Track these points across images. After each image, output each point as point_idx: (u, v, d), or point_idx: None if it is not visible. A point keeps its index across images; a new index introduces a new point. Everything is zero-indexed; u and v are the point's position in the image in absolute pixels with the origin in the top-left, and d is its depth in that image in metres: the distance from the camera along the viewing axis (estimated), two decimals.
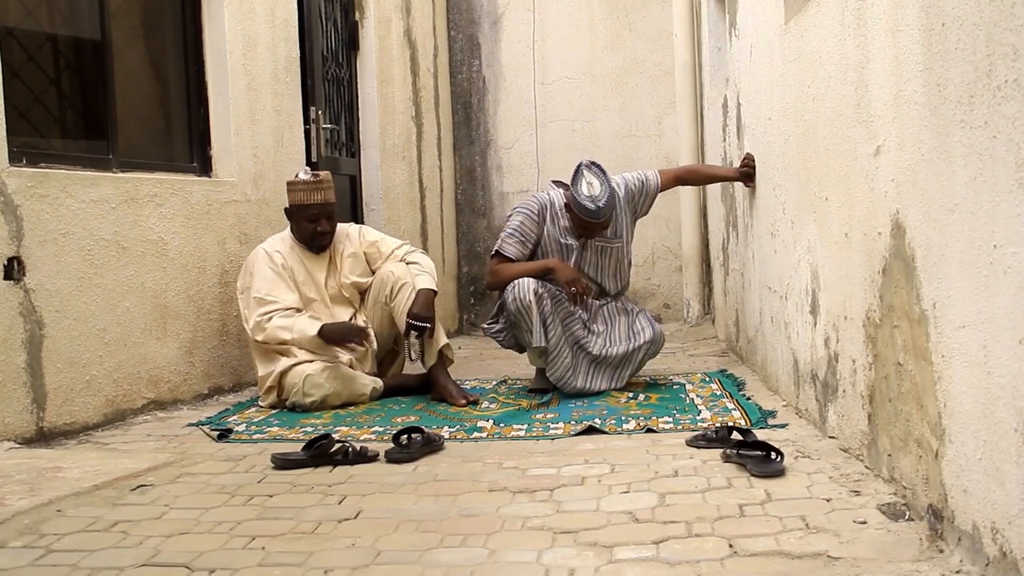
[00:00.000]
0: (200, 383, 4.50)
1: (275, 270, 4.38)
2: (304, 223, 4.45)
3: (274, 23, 5.14)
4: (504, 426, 3.69)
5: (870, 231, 2.60)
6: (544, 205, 4.49)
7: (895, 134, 2.37)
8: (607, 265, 4.55)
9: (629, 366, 4.46)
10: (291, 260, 4.45)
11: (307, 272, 4.48)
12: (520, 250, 4.44)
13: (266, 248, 4.46)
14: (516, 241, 4.45)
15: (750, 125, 4.49)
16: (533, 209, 4.48)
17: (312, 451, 3.17)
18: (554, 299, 4.34)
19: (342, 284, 4.54)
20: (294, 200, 4.48)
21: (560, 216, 4.47)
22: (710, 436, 3.19)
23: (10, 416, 3.45)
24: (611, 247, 4.53)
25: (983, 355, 1.88)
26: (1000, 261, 1.78)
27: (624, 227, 4.58)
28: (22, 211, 3.53)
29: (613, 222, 4.50)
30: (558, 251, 4.46)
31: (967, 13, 1.88)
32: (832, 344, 3.08)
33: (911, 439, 2.34)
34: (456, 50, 7.87)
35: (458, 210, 7.91)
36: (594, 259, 4.52)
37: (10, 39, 3.71)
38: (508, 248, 4.44)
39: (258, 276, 4.36)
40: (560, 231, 4.47)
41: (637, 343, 4.44)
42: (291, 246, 4.50)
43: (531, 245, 4.46)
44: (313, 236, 4.46)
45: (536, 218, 4.47)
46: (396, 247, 4.67)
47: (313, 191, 4.44)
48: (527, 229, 4.46)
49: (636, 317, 4.55)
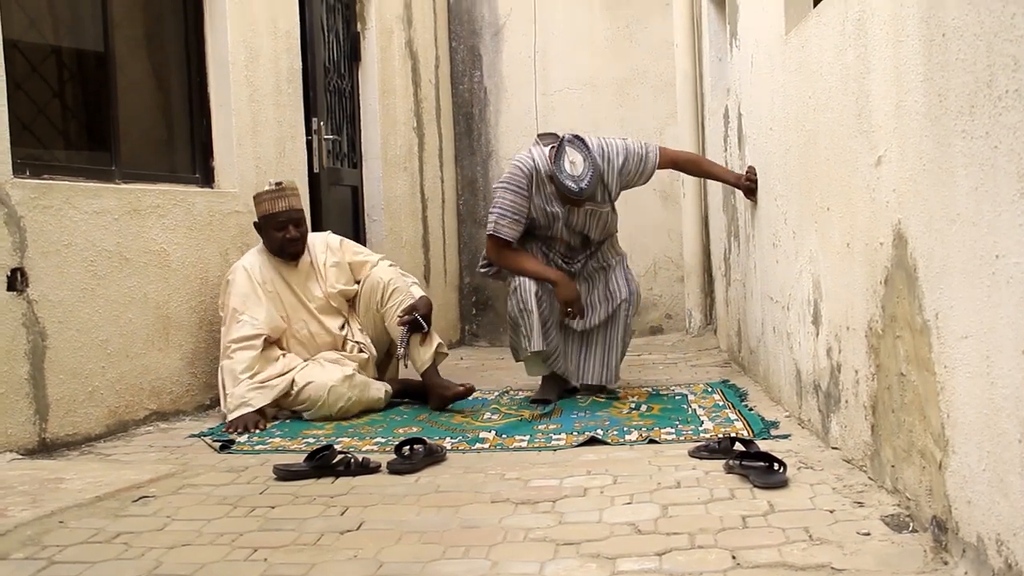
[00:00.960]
0: (202, 394, 4.50)
1: (250, 286, 4.36)
2: (272, 232, 4.44)
3: (276, 34, 5.15)
4: (506, 437, 3.68)
5: (872, 241, 2.61)
6: (530, 174, 4.38)
7: (896, 144, 2.37)
8: (595, 224, 4.52)
9: (614, 348, 4.55)
10: (268, 273, 4.43)
11: (286, 284, 4.47)
12: (516, 230, 4.40)
13: (244, 264, 4.43)
14: (510, 221, 4.39)
15: (751, 135, 4.49)
16: (521, 184, 4.38)
17: (314, 462, 3.17)
18: (552, 297, 4.42)
19: (329, 294, 4.54)
20: (261, 211, 4.47)
21: (545, 180, 4.39)
22: (712, 447, 3.19)
23: (13, 427, 3.45)
24: (600, 211, 4.50)
25: (986, 366, 1.88)
26: (1002, 271, 1.78)
27: (614, 192, 4.52)
28: (25, 222, 3.54)
29: (603, 191, 4.46)
30: (543, 215, 4.41)
31: (967, 24, 1.89)
32: (834, 354, 3.08)
33: (914, 450, 2.34)
34: (458, 61, 7.89)
35: (460, 221, 7.92)
36: (582, 220, 4.48)
37: (14, 51, 3.72)
38: (504, 231, 4.38)
39: (233, 293, 4.34)
40: (546, 198, 4.40)
41: (614, 304, 4.54)
42: (266, 259, 4.48)
43: (525, 221, 4.42)
44: (283, 244, 4.44)
45: (525, 192, 4.39)
46: (380, 258, 4.74)
47: (277, 199, 4.44)
48: (519, 207, 4.38)
49: (612, 273, 4.60)
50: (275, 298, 4.41)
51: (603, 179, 4.43)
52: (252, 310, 4.31)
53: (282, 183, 4.52)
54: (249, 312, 4.30)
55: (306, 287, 4.52)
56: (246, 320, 4.28)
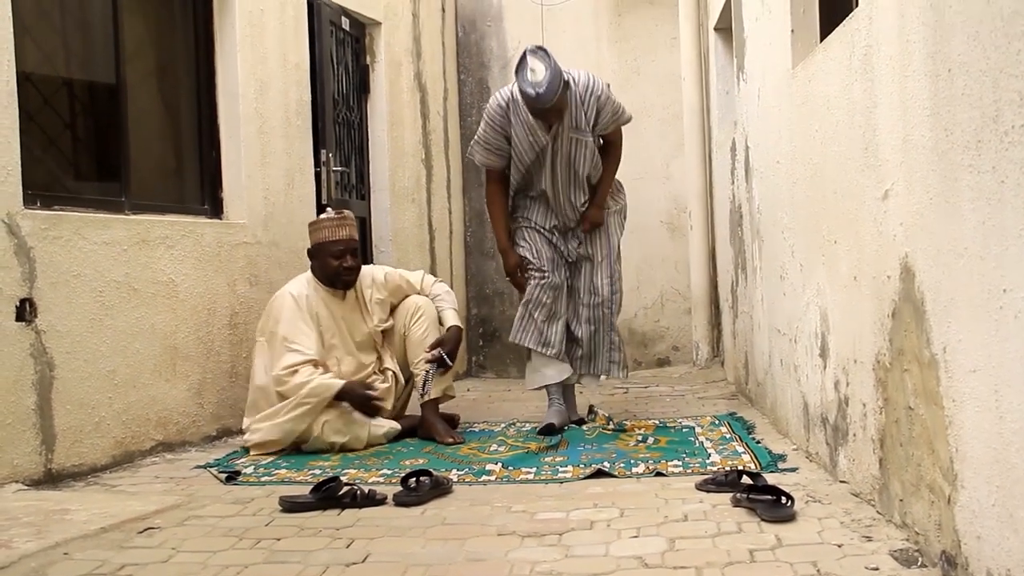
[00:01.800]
0: (209, 425, 4.50)
1: (299, 313, 4.31)
2: (329, 260, 4.39)
3: (286, 67, 5.20)
4: (513, 469, 3.67)
5: (879, 274, 2.60)
6: (505, 105, 4.44)
7: (903, 178, 2.38)
8: (583, 157, 4.50)
9: (602, 347, 4.68)
10: (315, 304, 4.38)
11: (331, 315, 4.43)
12: (487, 157, 4.53)
13: (291, 291, 4.37)
14: (482, 149, 4.55)
15: (758, 168, 4.50)
16: (494, 116, 4.46)
17: (320, 494, 3.16)
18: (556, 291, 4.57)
19: (372, 331, 4.54)
20: (318, 238, 4.43)
21: (525, 111, 4.38)
22: (720, 480, 3.18)
23: (19, 458, 3.45)
24: (583, 139, 4.47)
25: (995, 400, 1.87)
26: (1010, 306, 1.78)
27: (590, 122, 4.46)
28: (35, 253, 3.56)
29: (580, 111, 4.42)
30: (528, 147, 4.43)
31: (973, 59, 1.90)
32: (842, 387, 3.07)
33: (923, 484, 2.33)
34: (466, 93, 7.93)
35: (467, 252, 7.93)
36: (567, 150, 4.46)
37: (27, 84, 3.76)
38: (477, 157, 4.58)
39: (283, 320, 4.27)
40: (527, 129, 4.41)
41: (595, 302, 4.63)
42: (315, 288, 4.43)
43: (501, 152, 4.49)
44: (338, 273, 4.40)
45: (498, 122, 4.44)
46: (419, 281, 4.70)
47: (338, 227, 4.42)
48: (490, 137, 4.48)
49: (598, 268, 4.64)
50: (319, 329, 4.38)
51: (582, 101, 4.40)
52: (301, 338, 4.26)
53: (343, 212, 4.51)
54: (299, 340, 4.25)
55: (351, 321, 4.50)
56: (298, 348, 4.23)
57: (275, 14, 5.10)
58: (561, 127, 4.43)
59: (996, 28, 1.78)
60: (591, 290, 4.64)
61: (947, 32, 2.04)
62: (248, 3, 4.86)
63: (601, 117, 4.50)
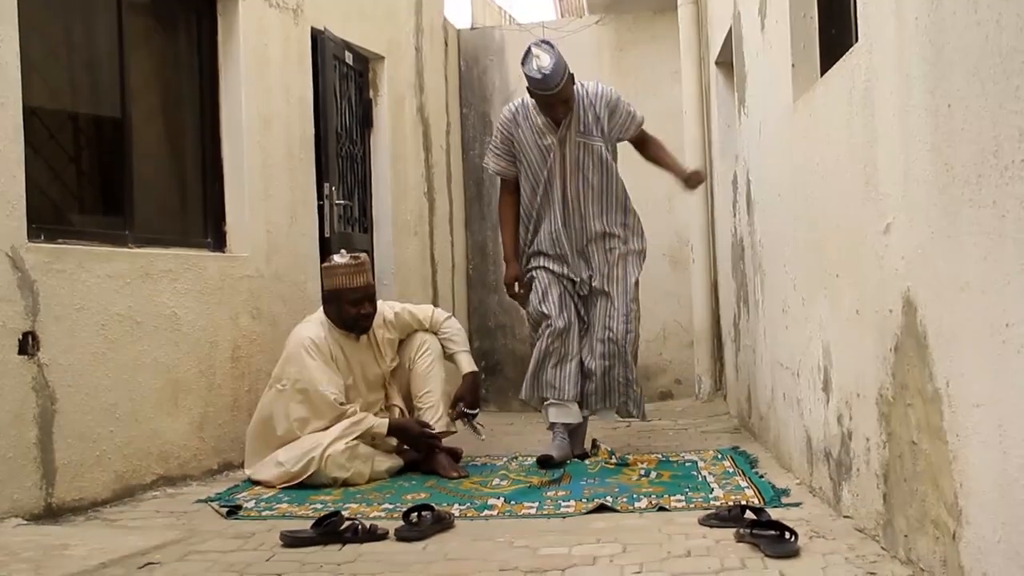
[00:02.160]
0: (210, 458, 4.48)
1: (321, 358, 4.28)
2: (347, 307, 4.35)
3: (290, 102, 5.23)
4: (515, 504, 3.65)
5: (881, 308, 2.60)
6: (515, 110, 4.63)
7: (904, 212, 2.38)
8: (590, 162, 4.56)
9: (616, 385, 4.62)
10: (332, 348, 4.36)
11: (345, 357, 4.41)
12: (498, 163, 4.69)
13: (310, 335, 4.33)
14: (493, 156, 4.71)
15: (760, 201, 4.52)
16: (503, 119, 4.65)
17: (321, 529, 3.14)
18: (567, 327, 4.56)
19: (385, 372, 4.54)
20: (334, 284, 4.37)
21: (534, 115, 4.55)
22: (723, 515, 3.16)
23: (19, 492, 3.44)
24: (592, 144, 4.56)
25: (999, 435, 1.87)
26: (1013, 340, 1.78)
27: (603, 127, 4.58)
28: (39, 286, 3.56)
29: (588, 114, 4.54)
30: (537, 152, 4.55)
31: (972, 95, 1.91)
32: (845, 422, 3.06)
33: (928, 520, 2.31)
34: (468, 127, 7.98)
35: (469, 285, 7.95)
36: (575, 153, 4.55)
37: (33, 118, 3.78)
38: (490, 164, 4.74)
39: (307, 367, 4.24)
40: (536, 132, 4.55)
41: (612, 339, 4.57)
42: (329, 330, 4.40)
43: (509, 157, 4.64)
44: (356, 320, 4.38)
45: (506, 128, 4.61)
46: (427, 317, 4.69)
47: (355, 274, 4.37)
48: (498, 143, 4.67)
49: (614, 305, 4.60)
50: (337, 372, 4.36)
51: (592, 104, 4.53)
52: (327, 385, 4.23)
53: (360, 257, 4.45)
54: (324, 386, 4.23)
55: (365, 364, 4.49)
56: (334, 393, 4.23)
57: (279, 49, 5.14)
58: (568, 130, 4.52)
59: (995, 64, 1.80)
60: (605, 327, 4.60)
61: (946, 68, 2.05)
62: (252, 38, 4.91)
63: (614, 119, 4.61)
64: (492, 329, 7.86)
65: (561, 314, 4.55)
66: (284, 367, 4.32)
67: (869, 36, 2.62)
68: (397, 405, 4.58)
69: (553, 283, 4.60)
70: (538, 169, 4.56)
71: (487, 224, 7.92)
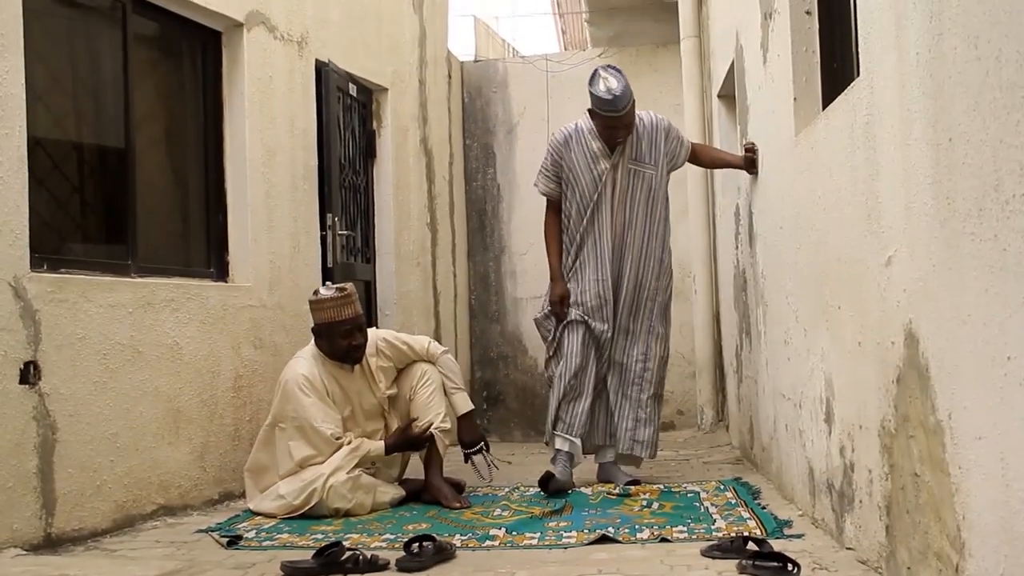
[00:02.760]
0: (211, 488, 4.47)
1: (317, 394, 4.27)
2: (337, 340, 4.33)
3: (293, 132, 5.26)
4: (517, 534, 3.64)
5: (883, 340, 2.61)
6: (569, 133, 4.66)
7: (906, 245, 2.39)
8: (639, 191, 4.63)
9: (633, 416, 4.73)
10: (327, 382, 4.35)
11: (340, 388, 4.40)
12: (547, 185, 4.73)
13: (304, 372, 4.30)
14: (543, 178, 4.74)
15: (762, 234, 4.53)
16: (556, 141, 4.68)
17: (322, 559, 3.13)
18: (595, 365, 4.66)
19: (381, 399, 4.52)
20: (323, 318, 4.35)
21: (589, 139, 4.60)
22: (725, 546, 3.15)
23: (19, 522, 3.43)
24: (644, 171, 4.63)
25: (1001, 468, 1.86)
26: (1015, 373, 1.78)
27: (657, 155, 4.65)
28: (41, 316, 3.57)
29: (641, 143, 4.61)
30: (588, 177, 4.59)
31: (973, 129, 1.92)
32: (847, 453, 3.05)
33: (930, 552, 2.30)
34: (471, 158, 8.02)
35: (472, 315, 7.95)
36: (625, 182, 4.61)
37: (38, 148, 3.81)
38: (539, 185, 4.77)
39: (305, 405, 4.22)
40: (589, 156, 4.59)
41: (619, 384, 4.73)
42: (322, 364, 4.38)
43: (557, 179, 4.68)
44: (348, 351, 4.36)
45: (558, 150, 4.65)
46: (423, 348, 4.65)
47: (343, 306, 4.34)
48: (548, 164, 4.70)
49: (635, 342, 4.70)
50: (333, 407, 4.35)
51: (648, 134, 4.60)
52: (322, 422, 4.22)
53: (345, 288, 4.41)
54: (320, 422, 4.21)
55: (361, 393, 4.47)
56: (332, 430, 4.23)
57: (283, 80, 5.18)
58: (622, 157, 4.59)
59: (995, 99, 1.81)
60: (622, 364, 4.71)
61: (947, 102, 2.06)
62: (257, 70, 4.94)
63: (668, 146, 4.70)
64: (494, 359, 7.86)
65: (579, 353, 4.63)
66: (282, 406, 4.30)
67: (871, 70, 2.64)
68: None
69: (577, 335, 4.65)
70: (588, 194, 4.61)
71: (489, 255, 7.94)
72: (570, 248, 4.71)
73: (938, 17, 2.08)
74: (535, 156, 7.81)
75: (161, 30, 4.70)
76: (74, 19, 4.24)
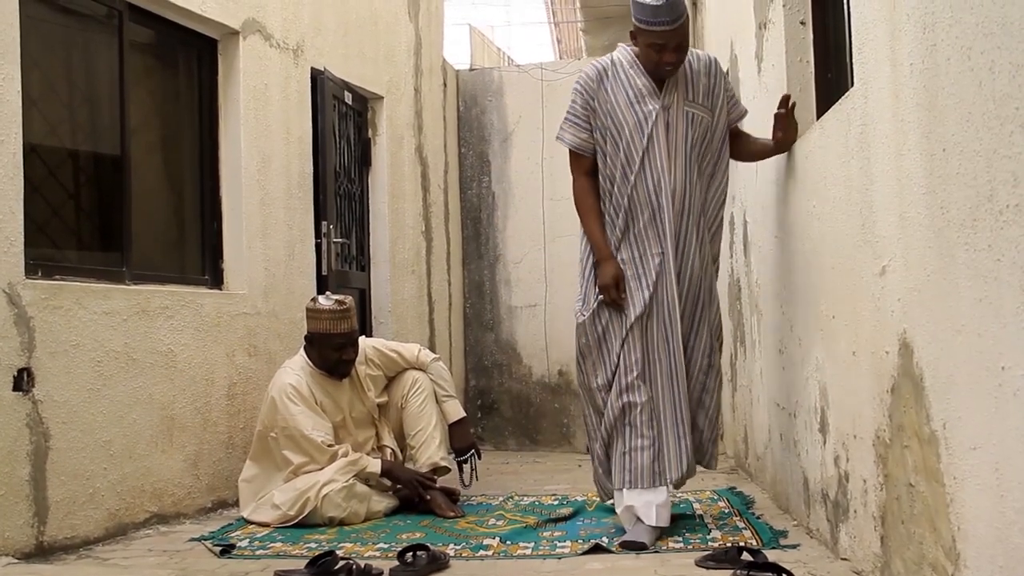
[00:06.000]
0: (204, 496, 4.46)
1: (306, 404, 4.26)
2: (329, 352, 4.35)
3: (289, 140, 5.26)
4: (510, 544, 3.63)
5: (878, 350, 2.61)
6: (604, 66, 3.67)
7: (900, 255, 2.40)
8: (696, 140, 3.64)
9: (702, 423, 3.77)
10: (316, 391, 4.35)
11: (329, 397, 4.40)
12: (577, 135, 3.71)
13: (291, 383, 4.29)
14: (570, 126, 3.73)
15: (757, 243, 4.54)
16: (588, 77, 3.68)
17: (315, 568, 3.12)
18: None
19: (370, 408, 4.53)
20: (318, 328, 4.35)
21: (631, 74, 3.61)
22: (720, 556, 3.14)
23: (10, 530, 3.41)
24: (700, 115, 3.65)
25: (996, 478, 1.86)
26: (1009, 383, 1.78)
27: (717, 100, 3.71)
28: (35, 323, 3.56)
29: (700, 80, 3.66)
30: (632, 121, 3.59)
31: (967, 140, 1.92)
32: (842, 463, 3.05)
33: (925, 563, 2.30)
34: (467, 166, 8.02)
35: (466, 324, 7.94)
36: (679, 127, 3.60)
37: (33, 155, 3.80)
38: (565, 136, 3.73)
39: (295, 415, 4.22)
40: (633, 94, 3.59)
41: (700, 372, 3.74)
42: (310, 374, 4.39)
43: (589, 128, 3.69)
44: (337, 364, 4.38)
45: (588, 89, 3.66)
46: (413, 356, 4.67)
47: (340, 320, 4.34)
48: (578, 107, 3.70)
49: (701, 336, 3.72)
50: (323, 416, 4.35)
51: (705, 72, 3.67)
52: (312, 429, 4.21)
53: (345, 302, 4.40)
54: (310, 430, 4.20)
55: (350, 402, 4.48)
56: (323, 438, 4.22)
57: (279, 88, 5.18)
58: (676, 95, 3.63)
59: (988, 111, 1.82)
60: (688, 360, 3.71)
61: (941, 113, 2.07)
62: (252, 78, 4.94)
63: (729, 90, 3.78)
64: (488, 367, 7.85)
65: (646, 379, 3.63)
66: (272, 416, 4.29)
67: (865, 81, 2.64)
68: (388, 446, 4.57)
69: (636, 331, 3.63)
70: (635, 144, 3.60)
71: (484, 263, 7.94)
72: (616, 218, 3.69)
73: (932, 28, 2.09)
74: (530, 164, 7.86)
75: (157, 38, 4.70)
76: (70, 26, 4.24)
